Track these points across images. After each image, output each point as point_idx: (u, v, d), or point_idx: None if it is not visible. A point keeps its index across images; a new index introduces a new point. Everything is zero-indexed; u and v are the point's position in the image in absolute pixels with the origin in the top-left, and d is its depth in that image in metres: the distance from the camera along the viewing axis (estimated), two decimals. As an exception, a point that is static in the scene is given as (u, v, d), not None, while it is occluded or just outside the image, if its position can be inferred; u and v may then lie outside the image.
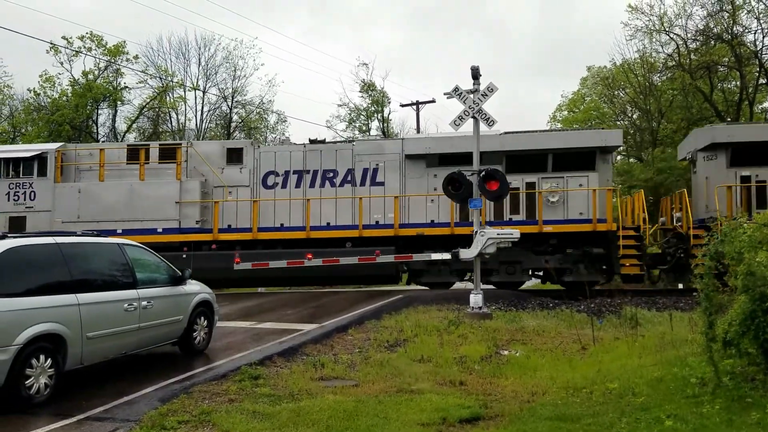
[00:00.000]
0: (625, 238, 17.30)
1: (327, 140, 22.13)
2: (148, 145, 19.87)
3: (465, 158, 17.33)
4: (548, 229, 17.49)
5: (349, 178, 18.71)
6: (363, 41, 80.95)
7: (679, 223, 18.38)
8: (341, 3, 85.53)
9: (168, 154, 19.03)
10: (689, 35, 31.27)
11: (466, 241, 17.46)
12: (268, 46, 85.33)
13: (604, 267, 17.75)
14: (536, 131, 19.31)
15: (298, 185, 18.85)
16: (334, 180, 18.81)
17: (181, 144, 19.59)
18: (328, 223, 18.38)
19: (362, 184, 18.66)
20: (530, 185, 17.97)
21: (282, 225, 18.52)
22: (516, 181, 17.69)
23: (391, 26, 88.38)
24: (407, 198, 18.41)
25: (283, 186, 18.86)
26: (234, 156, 19.07)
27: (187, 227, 18.36)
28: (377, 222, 18.37)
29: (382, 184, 18.59)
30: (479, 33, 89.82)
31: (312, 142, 19.98)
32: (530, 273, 18.56)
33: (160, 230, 18.21)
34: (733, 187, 17.09)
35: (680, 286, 18.52)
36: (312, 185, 18.82)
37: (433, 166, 18.41)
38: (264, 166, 18.98)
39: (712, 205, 16.98)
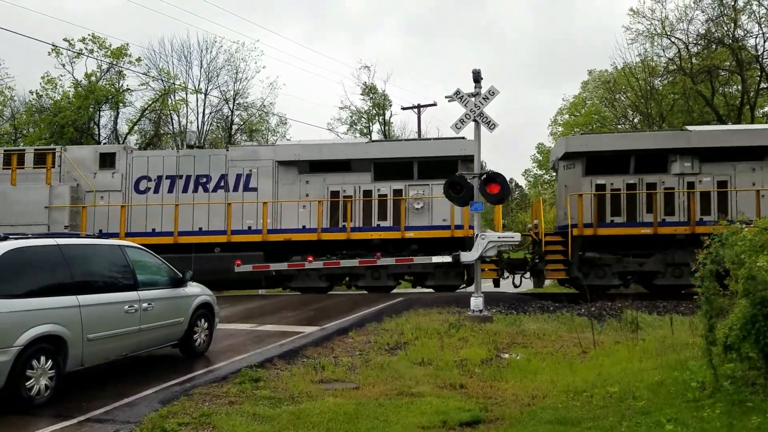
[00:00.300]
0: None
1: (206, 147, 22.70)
2: (24, 150, 20.34)
3: (335, 165, 18.69)
4: (410, 234, 18.10)
5: (222, 184, 19.09)
6: (362, 45, 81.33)
7: (536, 230, 18.92)
8: (339, 8, 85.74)
9: (41, 159, 19.26)
10: (690, 39, 31.34)
11: (334, 247, 18.61)
12: (269, 49, 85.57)
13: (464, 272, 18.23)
14: (402, 140, 20.03)
15: (170, 190, 19.17)
16: (207, 185, 19.16)
17: (54, 149, 19.89)
18: (200, 228, 18.61)
19: (235, 189, 19.05)
20: (397, 192, 18.54)
21: (153, 230, 18.71)
22: (384, 188, 18.51)
23: (390, 30, 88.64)
24: (279, 204, 18.80)
25: (156, 191, 19.20)
26: (107, 161, 19.34)
27: (56, 232, 18.55)
28: (249, 227, 18.72)
29: (255, 189, 19.00)
30: (477, 37, 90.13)
31: (189, 147, 20.31)
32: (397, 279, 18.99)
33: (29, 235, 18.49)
34: (584, 195, 17.51)
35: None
36: (185, 190, 19.16)
37: (305, 173, 18.96)
38: (137, 171, 19.28)
39: (572, 212, 17.68)
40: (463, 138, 20.41)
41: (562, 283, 19.38)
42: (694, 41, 31.35)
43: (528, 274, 19.07)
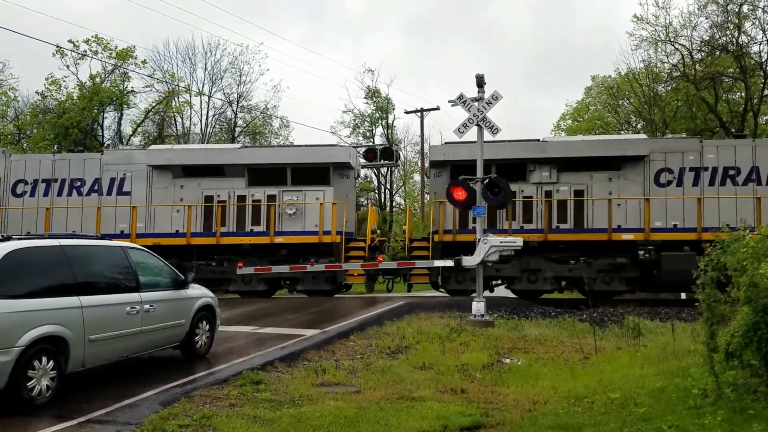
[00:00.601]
0: (356, 249, 18.63)
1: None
2: None
3: (209, 170, 18.96)
4: (279, 239, 18.45)
5: (96, 188, 19.22)
6: (361, 47, 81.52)
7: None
8: (339, 9, 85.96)
9: None
10: (694, 46, 31.33)
11: (204, 251, 18.82)
12: (270, 51, 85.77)
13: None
14: (275, 146, 20.44)
15: (46, 194, 19.33)
16: (81, 189, 19.35)
17: None
18: (74, 231, 18.50)
19: (109, 193, 19.24)
20: (271, 197, 18.82)
21: (29, 233, 18.72)
22: (258, 193, 18.83)
23: (390, 31, 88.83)
24: (153, 208, 18.99)
25: (32, 194, 19.36)
26: None
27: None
28: (122, 231, 18.85)
29: (128, 193, 19.19)
30: (477, 38, 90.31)
31: (69, 151, 20.45)
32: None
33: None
34: (446, 202, 17.35)
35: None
36: (60, 194, 19.30)
37: (179, 177, 19.15)
38: (15, 174, 19.39)
39: (435, 219, 18.26)
40: (336, 145, 21.19)
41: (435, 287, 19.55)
42: (698, 48, 31.38)
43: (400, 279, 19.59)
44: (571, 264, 17.76)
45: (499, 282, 18.73)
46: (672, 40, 31.51)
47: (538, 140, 18.66)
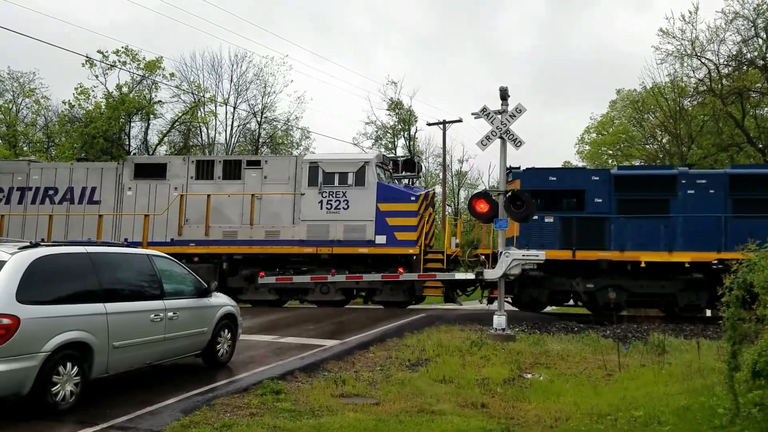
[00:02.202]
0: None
1: None
2: None
3: None
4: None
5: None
6: (368, 63, 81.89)
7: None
8: (345, 26, 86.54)
9: None
10: (721, 60, 30.98)
11: None
12: (296, 63, 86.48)
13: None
14: None
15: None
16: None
17: None
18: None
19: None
20: None
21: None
22: None
23: (394, 48, 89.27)
24: None
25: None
26: None
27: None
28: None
29: None
30: (481, 54, 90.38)
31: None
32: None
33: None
34: None
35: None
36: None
37: None
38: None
39: None
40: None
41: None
42: (725, 62, 31.01)
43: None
44: None
45: None
46: (698, 54, 31.21)
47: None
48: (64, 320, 6.73)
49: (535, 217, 15.81)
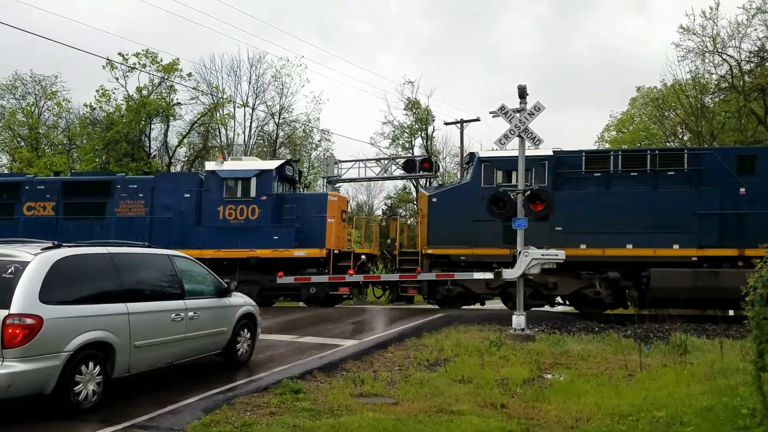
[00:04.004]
0: None
1: None
2: None
3: None
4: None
5: None
6: (373, 67, 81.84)
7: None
8: (347, 30, 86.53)
9: None
10: (743, 56, 30.54)
11: None
12: (311, 63, 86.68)
13: None
14: None
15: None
16: None
17: None
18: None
19: None
20: None
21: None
22: None
23: (399, 52, 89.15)
24: None
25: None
26: None
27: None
28: None
29: None
30: (483, 58, 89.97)
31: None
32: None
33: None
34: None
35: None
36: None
37: None
38: None
39: None
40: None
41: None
42: (747, 58, 30.58)
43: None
44: None
45: None
46: (720, 50, 30.80)
47: None
48: (87, 320, 6.80)
49: None
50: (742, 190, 16.72)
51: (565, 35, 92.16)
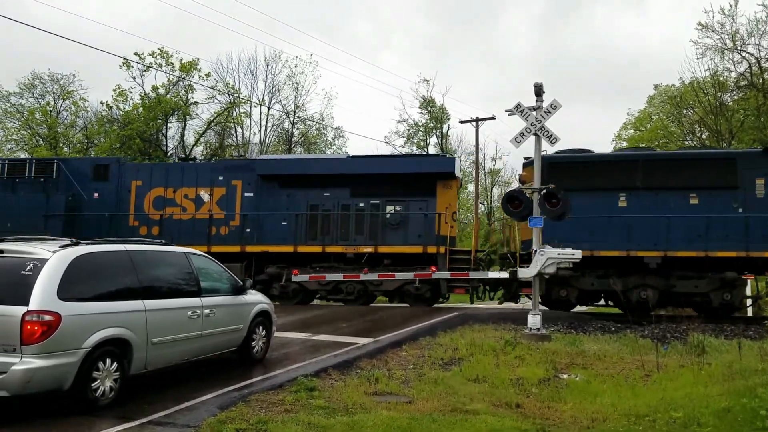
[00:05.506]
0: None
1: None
2: None
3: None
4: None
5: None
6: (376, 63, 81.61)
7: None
8: (351, 29, 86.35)
9: None
10: (763, 54, 30.15)
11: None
12: (322, 60, 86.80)
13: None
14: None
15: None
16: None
17: None
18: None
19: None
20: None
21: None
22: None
23: (399, 51, 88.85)
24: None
25: None
26: None
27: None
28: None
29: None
30: (483, 57, 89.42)
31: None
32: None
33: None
34: None
35: None
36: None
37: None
38: None
39: None
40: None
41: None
42: (767, 56, 30.19)
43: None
44: None
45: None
46: (739, 48, 30.43)
47: None
48: (104, 317, 6.86)
49: None
50: None
51: (565, 34, 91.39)
